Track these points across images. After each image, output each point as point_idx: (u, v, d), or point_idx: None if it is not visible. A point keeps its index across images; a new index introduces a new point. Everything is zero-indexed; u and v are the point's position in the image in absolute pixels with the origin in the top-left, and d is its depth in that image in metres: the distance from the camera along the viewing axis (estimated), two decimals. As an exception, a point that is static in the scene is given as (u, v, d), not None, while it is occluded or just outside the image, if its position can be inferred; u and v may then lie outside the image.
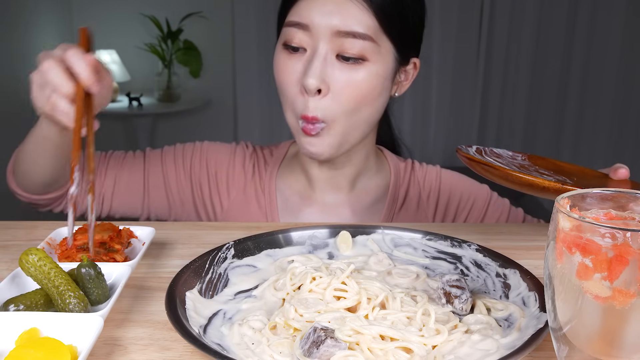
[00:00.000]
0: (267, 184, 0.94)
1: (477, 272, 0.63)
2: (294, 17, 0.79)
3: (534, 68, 3.22)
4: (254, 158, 0.97)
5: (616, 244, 0.38)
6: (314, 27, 0.77)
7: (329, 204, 0.94)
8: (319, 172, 0.92)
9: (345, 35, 0.76)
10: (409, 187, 0.96)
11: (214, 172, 0.95)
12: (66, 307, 0.52)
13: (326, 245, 0.68)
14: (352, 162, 0.91)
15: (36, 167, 0.83)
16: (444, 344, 0.49)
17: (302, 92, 0.79)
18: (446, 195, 0.96)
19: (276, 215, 0.93)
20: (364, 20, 0.77)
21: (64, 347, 0.45)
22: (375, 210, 0.94)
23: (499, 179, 0.64)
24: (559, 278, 0.42)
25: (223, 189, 0.94)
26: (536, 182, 0.61)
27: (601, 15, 3.13)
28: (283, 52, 0.81)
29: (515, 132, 3.33)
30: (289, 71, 0.80)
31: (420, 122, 3.29)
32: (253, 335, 0.50)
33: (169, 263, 0.68)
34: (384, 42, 0.79)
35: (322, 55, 0.77)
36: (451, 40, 3.17)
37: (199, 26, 3.24)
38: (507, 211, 0.96)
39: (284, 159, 0.97)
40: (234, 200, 0.94)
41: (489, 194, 0.97)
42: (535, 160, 0.74)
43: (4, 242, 0.73)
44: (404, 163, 0.99)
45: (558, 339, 0.44)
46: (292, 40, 0.79)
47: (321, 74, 0.77)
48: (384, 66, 0.80)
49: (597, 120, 3.30)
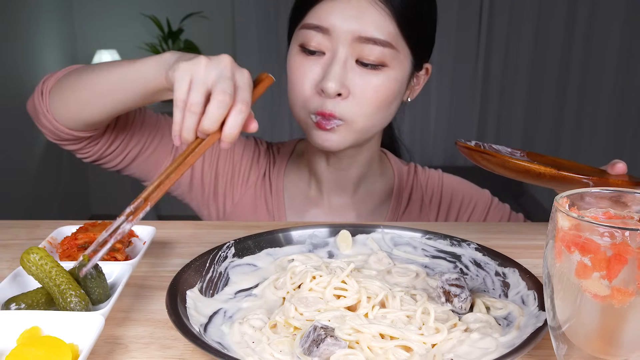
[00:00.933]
0: (275, 181, 0.94)
1: (477, 271, 0.63)
2: (313, 20, 0.78)
3: (533, 67, 3.23)
4: (267, 155, 0.97)
5: (615, 243, 0.38)
6: (335, 32, 0.77)
7: (334, 206, 0.94)
8: (326, 173, 0.92)
9: (365, 41, 0.76)
10: (412, 190, 0.96)
11: (238, 161, 0.94)
12: (67, 305, 0.52)
13: (326, 244, 0.69)
14: (358, 164, 0.91)
15: (98, 99, 0.74)
16: (443, 343, 0.49)
17: (320, 93, 0.78)
18: (448, 199, 0.96)
19: (283, 213, 0.93)
20: (385, 27, 0.76)
21: (65, 345, 0.45)
22: (379, 213, 0.94)
23: (496, 166, 0.64)
24: (558, 277, 0.42)
25: (238, 181, 0.93)
26: (532, 168, 0.62)
27: (600, 14, 3.13)
28: (300, 54, 0.80)
29: (514, 131, 3.34)
30: (306, 72, 0.79)
31: (420, 123, 3.30)
32: (253, 334, 0.50)
33: (170, 262, 0.68)
34: (402, 48, 0.79)
35: (342, 60, 0.77)
36: (451, 41, 3.18)
37: (199, 26, 3.24)
38: (508, 216, 0.97)
39: (290, 157, 0.97)
40: (245, 194, 0.94)
41: (490, 199, 0.97)
42: (533, 156, 0.74)
43: (5, 241, 0.74)
44: (407, 167, 0.99)
45: (557, 337, 0.44)
46: (310, 43, 0.78)
47: (341, 78, 0.76)
48: (402, 72, 0.80)
49: (596, 120, 3.30)
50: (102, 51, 3.18)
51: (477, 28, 3.18)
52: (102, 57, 3.16)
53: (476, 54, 3.21)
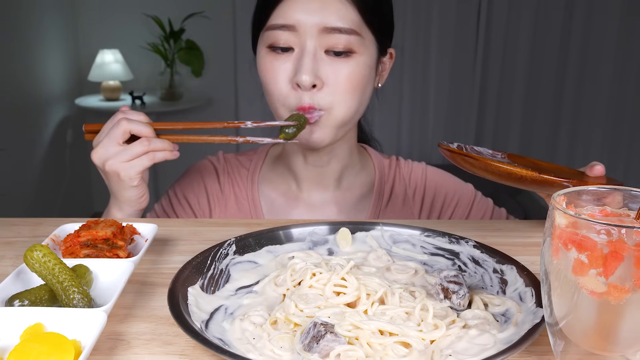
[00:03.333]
0: (249, 190, 0.95)
1: (475, 268, 0.63)
2: (278, 20, 0.81)
3: (530, 72, 3.26)
4: (227, 169, 0.98)
5: (611, 241, 0.39)
6: (300, 27, 0.79)
7: (316, 203, 0.94)
8: (305, 171, 0.93)
9: (331, 31, 0.79)
10: (394, 183, 0.97)
11: (196, 202, 0.96)
12: (70, 302, 0.52)
13: (326, 241, 0.69)
14: (337, 158, 0.92)
15: None
16: (442, 339, 0.49)
17: (295, 89, 0.81)
18: (432, 193, 0.97)
19: (262, 218, 0.94)
20: (348, 15, 0.79)
21: (68, 341, 0.45)
22: (361, 207, 0.95)
23: (479, 170, 0.65)
24: (555, 274, 0.43)
25: (206, 211, 0.96)
26: (514, 171, 0.63)
27: (596, 19, 3.16)
28: (269, 55, 0.82)
29: (511, 135, 3.38)
30: (279, 71, 0.81)
31: (419, 125, 3.33)
32: (254, 330, 0.50)
33: (172, 259, 0.68)
34: (367, 35, 0.82)
35: (312, 52, 0.79)
36: (448, 45, 3.20)
37: (200, 26, 3.24)
38: (491, 211, 0.98)
39: (264, 162, 0.98)
40: (220, 216, 0.95)
41: (474, 193, 0.98)
42: (514, 158, 0.76)
43: (8, 239, 0.74)
44: (388, 160, 0.99)
45: (554, 333, 0.44)
46: (279, 42, 0.81)
47: (313, 69, 0.79)
48: (370, 57, 0.84)
49: (592, 124, 3.34)
50: (104, 51, 3.18)
51: (475, 30, 3.20)
52: (105, 56, 3.17)
53: (474, 58, 3.23)
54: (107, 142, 0.78)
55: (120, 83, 3.23)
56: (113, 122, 0.79)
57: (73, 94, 3.29)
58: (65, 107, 3.26)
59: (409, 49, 3.16)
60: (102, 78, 3.16)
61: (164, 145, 0.79)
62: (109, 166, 0.78)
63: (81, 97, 3.26)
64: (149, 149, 0.78)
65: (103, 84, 3.18)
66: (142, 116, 0.80)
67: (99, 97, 3.25)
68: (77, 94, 3.33)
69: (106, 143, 0.78)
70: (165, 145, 0.79)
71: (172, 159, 0.80)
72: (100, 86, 3.21)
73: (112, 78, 3.17)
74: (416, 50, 3.18)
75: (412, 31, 3.15)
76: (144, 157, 0.78)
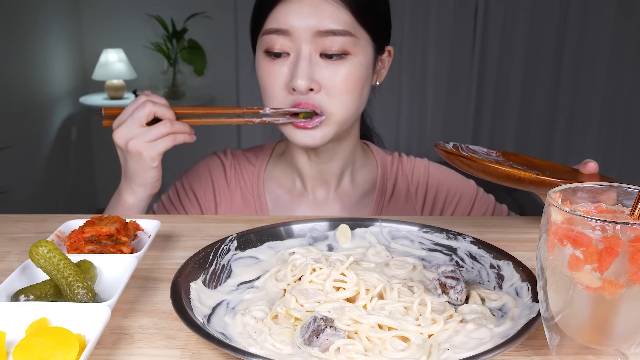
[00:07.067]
0: (255, 186, 0.96)
1: (472, 264, 0.64)
2: (272, 25, 0.81)
3: (527, 70, 3.27)
4: (234, 164, 0.98)
5: (606, 236, 0.39)
6: (294, 31, 0.80)
7: (319, 199, 0.95)
8: (309, 168, 0.94)
9: (325, 34, 0.79)
10: (396, 179, 0.97)
11: (203, 195, 0.97)
12: (75, 297, 0.52)
13: (326, 237, 0.69)
14: (339, 155, 0.93)
15: None
16: (439, 333, 0.50)
17: (292, 93, 0.81)
18: (434, 189, 0.97)
19: (267, 214, 0.94)
20: (341, 17, 0.80)
21: (72, 336, 0.46)
22: (364, 204, 0.95)
23: (476, 171, 0.65)
24: (551, 269, 0.43)
25: (212, 205, 0.96)
26: (512, 173, 0.63)
27: (591, 20, 3.17)
28: (266, 59, 0.83)
29: (507, 131, 3.38)
30: (275, 76, 0.82)
31: (417, 122, 3.33)
32: (255, 325, 0.51)
33: (174, 255, 0.69)
34: (361, 35, 0.82)
35: (307, 56, 0.80)
36: (446, 43, 3.21)
37: (203, 26, 3.25)
38: (493, 207, 0.98)
39: (270, 158, 0.99)
40: (225, 211, 0.96)
41: (476, 190, 0.98)
42: (509, 156, 0.76)
43: (14, 235, 0.75)
44: (390, 156, 1.00)
45: (550, 328, 0.45)
46: (274, 47, 0.81)
47: (309, 73, 0.80)
48: (366, 57, 0.84)
49: (587, 123, 3.35)
50: (108, 50, 3.20)
51: (472, 29, 3.20)
52: (109, 56, 3.18)
53: (471, 57, 3.24)
54: (130, 123, 0.79)
55: (124, 82, 3.24)
56: (137, 104, 0.80)
57: (78, 93, 3.30)
58: (70, 106, 3.27)
59: (407, 46, 3.17)
60: (106, 77, 3.18)
61: (185, 128, 0.81)
62: (132, 145, 0.79)
63: (85, 96, 3.28)
64: (172, 131, 0.79)
65: (107, 83, 3.20)
66: (164, 100, 0.82)
67: (103, 95, 3.26)
68: (82, 92, 3.34)
69: (130, 123, 0.79)
70: (185, 129, 0.81)
71: (191, 142, 0.82)
72: (105, 85, 3.22)
73: (116, 77, 3.19)
74: (414, 48, 3.19)
75: (410, 29, 3.15)
76: (166, 138, 0.79)
